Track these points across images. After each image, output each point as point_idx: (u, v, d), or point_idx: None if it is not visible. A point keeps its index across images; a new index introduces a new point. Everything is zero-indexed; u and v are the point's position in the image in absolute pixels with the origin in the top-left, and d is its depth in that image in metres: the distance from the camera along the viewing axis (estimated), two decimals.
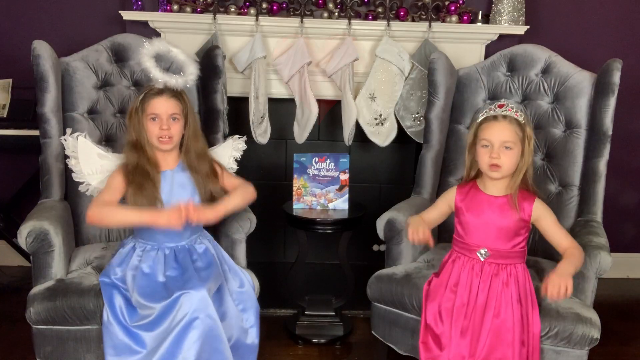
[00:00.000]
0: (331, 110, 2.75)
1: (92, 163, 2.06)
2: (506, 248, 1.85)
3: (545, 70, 2.42)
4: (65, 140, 2.12)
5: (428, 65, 2.46)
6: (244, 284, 2.01)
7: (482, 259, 1.85)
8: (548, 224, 1.86)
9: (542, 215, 1.85)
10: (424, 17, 2.74)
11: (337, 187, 2.60)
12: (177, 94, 1.95)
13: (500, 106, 1.83)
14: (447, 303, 1.85)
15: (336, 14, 2.73)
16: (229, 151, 2.20)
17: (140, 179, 1.91)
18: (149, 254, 1.94)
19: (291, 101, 2.79)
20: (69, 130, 2.15)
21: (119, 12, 2.69)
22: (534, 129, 2.41)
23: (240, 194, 2.02)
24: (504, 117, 1.81)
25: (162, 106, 1.91)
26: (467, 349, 1.79)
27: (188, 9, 2.70)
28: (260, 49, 2.64)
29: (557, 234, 1.86)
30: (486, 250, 1.85)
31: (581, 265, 1.80)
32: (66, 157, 2.14)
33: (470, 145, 1.90)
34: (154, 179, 1.93)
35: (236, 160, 2.23)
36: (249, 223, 2.15)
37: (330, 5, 2.75)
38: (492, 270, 1.84)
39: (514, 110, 1.82)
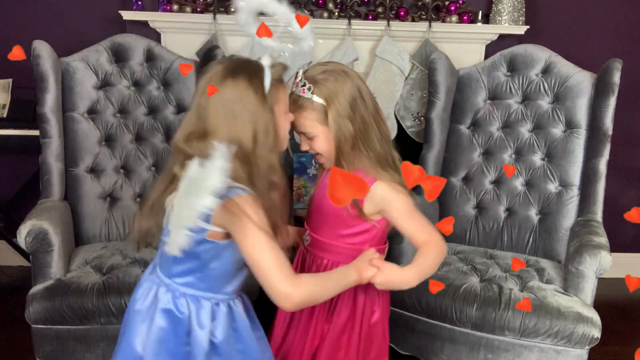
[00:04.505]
0: None
1: None
2: (326, 238, 1.45)
3: (546, 70, 2.42)
4: None
5: (428, 65, 2.46)
6: None
7: (305, 244, 1.52)
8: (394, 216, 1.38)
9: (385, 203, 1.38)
10: (424, 17, 2.74)
11: None
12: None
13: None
14: None
15: (336, 14, 2.73)
16: None
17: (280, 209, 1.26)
18: None
19: None
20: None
21: (119, 12, 2.69)
22: (534, 129, 2.41)
23: None
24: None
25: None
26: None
27: (188, 9, 2.70)
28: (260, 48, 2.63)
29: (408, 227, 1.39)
30: (308, 233, 1.50)
31: (437, 261, 1.37)
32: None
33: None
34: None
35: None
36: None
37: (330, 5, 2.75)
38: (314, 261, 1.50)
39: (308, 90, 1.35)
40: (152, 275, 1.30)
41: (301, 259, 1.54)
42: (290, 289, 1.14)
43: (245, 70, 1.18)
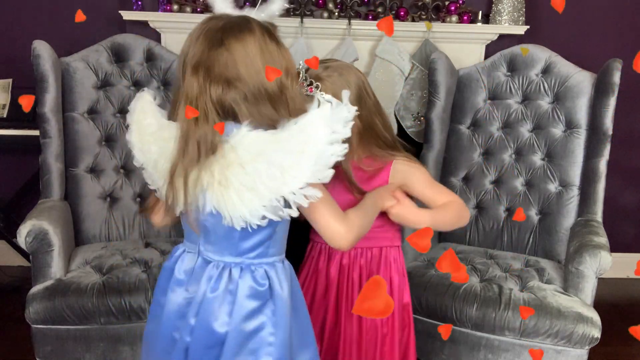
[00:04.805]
0: None
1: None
2: None
3: (546, 70, 2.42)
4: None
5: (428, 65, 2.46)
6: None
7: None
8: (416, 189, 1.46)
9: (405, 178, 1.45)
10: (424, 17, 2.74)
11: None
12: None
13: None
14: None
15: (336, 14, 2.73)
16: None
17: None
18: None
19: None
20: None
21: (119, 12, 2.69)
22: (534, 129, 2.41)
23: None
24: None
25: None
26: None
27: (188, 9, 2.70)
28: None
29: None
30: None
31: (457, 219, 1.44)
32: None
33: None
34: None
35: None
36: None
37: (330, 5, 2.75)
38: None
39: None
40: (209, 263, 1.24)
41: (316, 255, 1.56)
42: (344, 228, 1.19)
43: (253, 21, 1.19)
